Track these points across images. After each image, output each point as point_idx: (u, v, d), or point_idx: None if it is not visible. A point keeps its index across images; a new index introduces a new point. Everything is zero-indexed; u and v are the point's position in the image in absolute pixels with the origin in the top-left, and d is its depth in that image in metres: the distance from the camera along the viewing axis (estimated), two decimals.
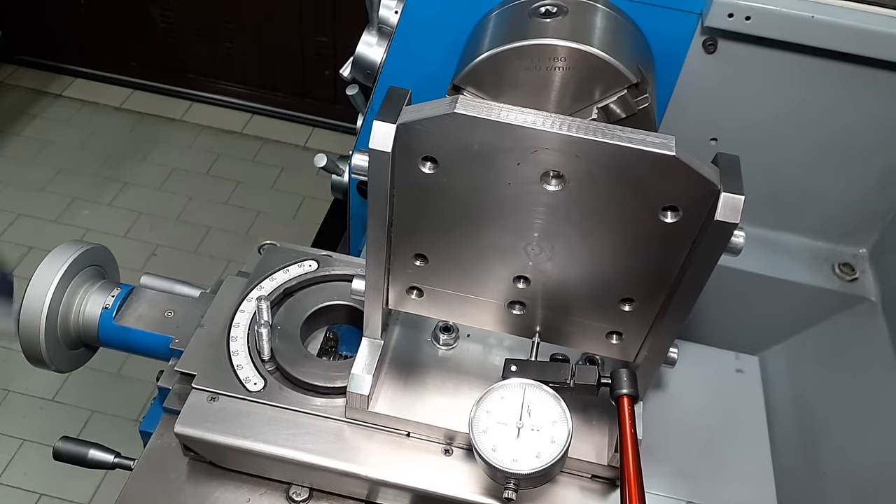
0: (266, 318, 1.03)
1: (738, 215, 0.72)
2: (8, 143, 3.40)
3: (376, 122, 0.75)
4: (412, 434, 0.97)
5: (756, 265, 1.38)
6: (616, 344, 0.92)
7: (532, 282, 0.87)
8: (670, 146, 0.71)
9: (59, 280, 1.10)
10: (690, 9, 1.14)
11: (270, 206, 3.23)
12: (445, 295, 0.92)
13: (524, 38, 1.02)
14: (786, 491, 1.30)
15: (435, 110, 0.74)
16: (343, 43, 3.29)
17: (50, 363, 1.13)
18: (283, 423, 0.96)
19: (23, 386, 2.54)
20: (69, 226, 3.06)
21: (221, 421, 0.96)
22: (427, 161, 0.77)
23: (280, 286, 1.11)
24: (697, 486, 0.97)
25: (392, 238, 0.86)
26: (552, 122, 0.72)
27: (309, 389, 1.00)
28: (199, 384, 0.99)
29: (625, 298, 0.86)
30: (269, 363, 1.03)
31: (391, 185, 0.79)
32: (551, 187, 0.76)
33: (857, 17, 1.11)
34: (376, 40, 1.26)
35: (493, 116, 0.72)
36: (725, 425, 1.05)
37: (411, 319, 1.04)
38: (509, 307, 0.92)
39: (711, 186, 0.72)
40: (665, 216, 0.76)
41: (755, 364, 1.12)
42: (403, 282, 0.92)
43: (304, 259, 1.14)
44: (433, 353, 1.04)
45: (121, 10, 3.47)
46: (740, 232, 0.75)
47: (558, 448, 0.83)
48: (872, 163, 1.28)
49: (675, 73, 1.20)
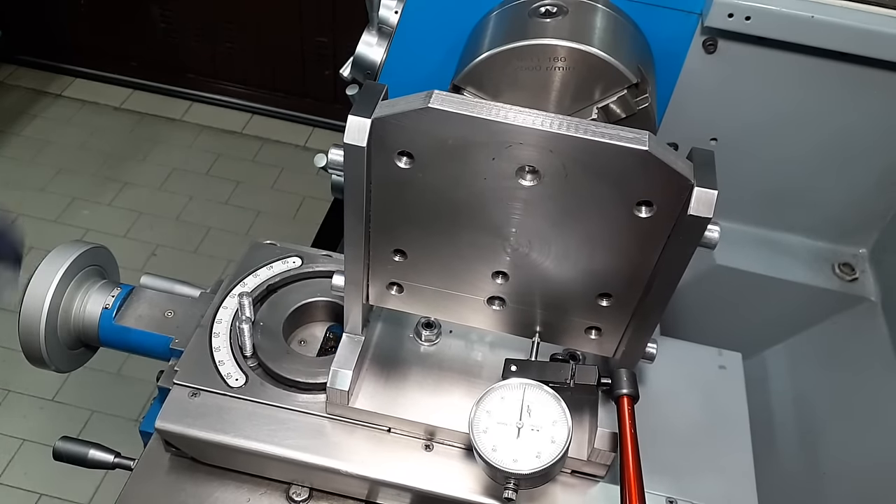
0: (248, 315, 1.03)
1: (712, 210, 0.72)
2: (8, 143, 3.40)
3: (351, 117, 0.75)
4: (393, 430, 0.98)
5: (756, 265, 1.38)
6: (595, 339, 0.92)
7: (510, 277, 0.88)
8: (643, 141, 0.71)
9: (60, 280, 1.10)
10: (690, 9, 1.14)
11: (270, 206, 3.23)
12: (425, 290, 0.93)
13: (524, 38, 1.02)
14: (786, 491, 1.30)
15: (410, 105, 0.74)
16: (343, 43, 3.29)
17: (50, 363, 1.13)
18: (264, 419, 0.97)
19: (23, 386, 2.54)
20: (69, 226, 3.06)
21: (202, 416, 0.96)
22: (403, 156, 0.78)
23: (263, 283, 1.11)
24: (678, 482, 0.97)
25: (370, 233, 0.86)
26: (524, 117, 0.72)
27: (290, 385, 1.00)
28: (180, 380, 0.99)
29: (602, 293, 0.86)
30: (252, 359, 1.03)
31: (367, 180, 0.80)
32: (526, 182, 0.77)
33: (857, 17, 1.11)
34: (376, 40, 1.26)
35: (466, 111, 0.72)
36: (707, 421, 1.05)
37: (394, 316, 1.04)
38: (489, 303, 0.92)
39: (685, 181, 0.72)
40: (640, 211, 0.76)
41: (738, 360, 1.12)
42: (383, 277, 0.92)
43: (287, 256, 1.15)
44: (415, 349, 1.04)
45: (121, 10, 3.47)
46: (715, 227, 0.75)
47: (558, 448, 0.83)
48: (872, 163, 1.28)
49: (675, 73, 1.20)
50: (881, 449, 1.19)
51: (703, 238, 0.75)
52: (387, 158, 0.78)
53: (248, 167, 3.38)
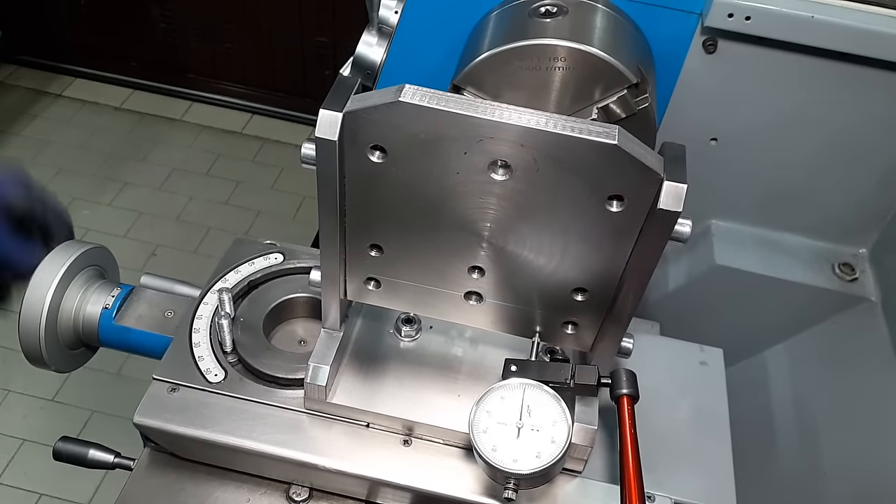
0: (227, 310, 1.04)
1: (681, 204, 0.72)
2: (8, 143, 3.40)
3: (322, 111, 0.76)
4: (371, 425, 0.98)
5: (756, 265, 1.38)
6: (572, 334, 0.92)
7: (487, 272, 0.88)
8: (612, 135, 0.71)
9: (60, 280, 1.10)
10: (690, 9, 1.14)
11: (270, 206, 3.23)
12: (403, 286, 0.93)
13: (524, 38, 1.02)
14: (786, 491, 1.30)
15: (381, 99, 0.74)
16: (343, 43, 3.29)
17: (50, 363, 1.13)
18: (242, 414, 0.97)
19: (23, 386, 2.54)
20: None
21: (180, 411, 0.96)
22: (376, 150, 0.78)
23: (245, 279, 1.12)
24: (656, 477, 0.97)
25: (346, 228, 0.87)
26: (494, 111, 0.72)
27: (270, 381, 1.01)
28: (159, 375, 0.99)
29: (578, 288, 0.86)
30: (232, 355, 1.03)
31: (341, 174, 0.80)
32: (498, 177, 0.77)
33: (857, 17, 1.11)
34: (376, 40, 1.26)
35: (436, 105, 0.72)
36: (687, 417, 1.04)
37: (374, 311, 1.04)
38: (466, 298, 0.92)
39: (654, 175, 0.72)
40: (611, 205, 0.76)
41: (719, 356, 1.12)
42: (360, 273, 0.92)
43: (269, 252, 1.15)
44: (395, 344, 1.04)
45: (121, 10, 3.47)
46: (686, 220, 0.75)
47: (558, 448, 0.83)
48: (872, 163, 1.28)
49: (675, 73, 1.20)
50: (881, 449, 1.19)
51: (674, 232, 0.76)
52: (359, 153, 0.78)
53: (248, 167, 3.38)
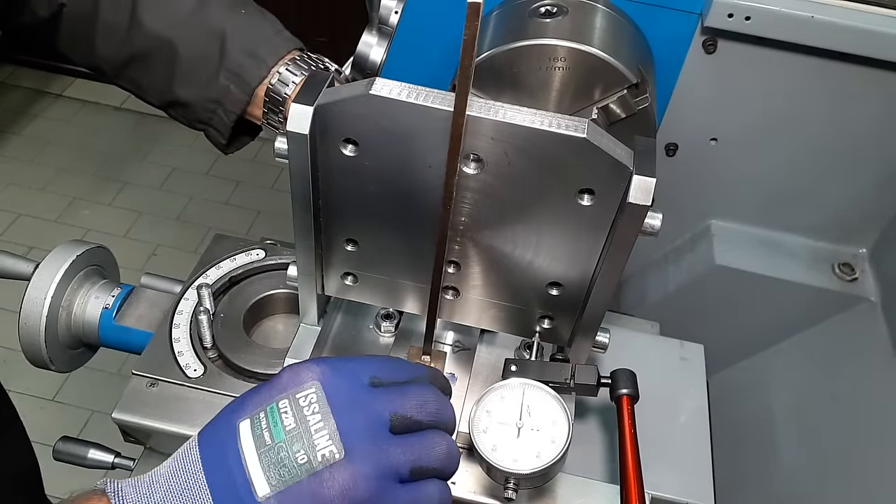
0: (207, 306, 1.04)
1: (650, 197, 0.73)
2: (8, 143, 3.40)
3: (293, 105, 0.76)
4: None
5: (756, 265, 1.38)
6: (548, 328, 0.93)
7: (462, 266, 0.88)
8: (581, 129, 0.71)
9: (60, 280, 1.10)
10: (690, 9, 1.14)
11: (270, 206, 3.23)
12: (379, 280, 0.93)
13: (524, 38, 1.02)
14: (786, 491, 1.30)
15: (352, 92, 0.74)
16: (343, 43, 3.29)
17: (50, 363, 1.13)
18: (220, 409, 0.97)
19: (23, 386, 2.54)
20: (69, 226, 3.06)
21: (158, 406, 0.97)
22: (348, 143, 0.78)
23: (225, 275, 1.13)
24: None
25: (321, 222, 0.87)
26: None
27: (249, 376, 1.01)
28: (138, 370, 1.00)
29: (553, 282, 0.87)
30: (212, 350, 1.04)
31: (313, 168, 0.80)
32: (470, 170, 0.77)
33: (857, 17, 1.11)
34: (376, 40, 1.26)
35: (406, 98, 0.72)
36: (666, 413, 1.05)
37: (354, 307, 1.05)
38: (443, 292, 0.92)
39: (623, 168, 0.73)
40: (582, 199, 0.77)
41: (700, 352, 1.12)
42: (337, 267, 0.92)
43: (251, 248, 1.16)
44: (374, 340, 1.04)
45: None
46: (657, 214, 0.75)
47: (558, 448, 0.83)
48: (872, 163, 1.28)
49: (675, 73, 1.19)
50: (881, 449, 1.18)
51: (644, 225, 0.76)
52: (332, 147, 0.78)
53: (248, 167, 3.38)
